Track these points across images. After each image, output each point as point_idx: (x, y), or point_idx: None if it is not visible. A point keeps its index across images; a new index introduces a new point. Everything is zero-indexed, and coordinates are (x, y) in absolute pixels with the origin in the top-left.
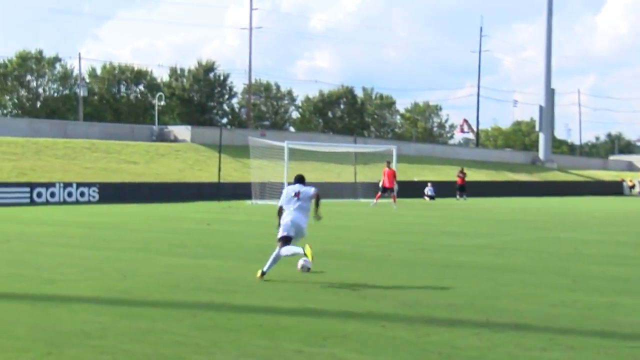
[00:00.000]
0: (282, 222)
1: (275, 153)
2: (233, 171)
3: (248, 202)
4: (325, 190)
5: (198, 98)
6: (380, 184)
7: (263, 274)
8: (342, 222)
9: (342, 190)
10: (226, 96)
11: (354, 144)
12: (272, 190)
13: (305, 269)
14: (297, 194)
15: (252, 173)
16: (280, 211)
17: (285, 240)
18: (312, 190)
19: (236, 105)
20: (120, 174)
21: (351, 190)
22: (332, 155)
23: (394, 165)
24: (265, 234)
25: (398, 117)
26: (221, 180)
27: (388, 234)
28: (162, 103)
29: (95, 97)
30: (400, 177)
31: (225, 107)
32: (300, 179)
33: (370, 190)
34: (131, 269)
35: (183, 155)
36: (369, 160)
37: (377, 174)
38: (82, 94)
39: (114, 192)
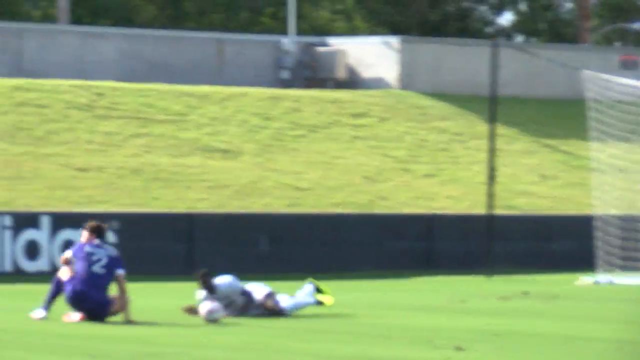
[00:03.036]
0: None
1: None
2: (533, 179)
3: (586, 278)
4: None
5: None
6: None
7: None
8: None
9: None
10: None
11: None
12: None
13: None
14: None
15: (599, 181)
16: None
17: None
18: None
19: None
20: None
21: None
22: None
23: None
24: None
25: None
26: (496, 209)
27: None
28: None
29: None
30: None
31: None
32: (97, 231)
33: None
34: None
35: (376, 127)
36: None
37: None
38: None
39: None
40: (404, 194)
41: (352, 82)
